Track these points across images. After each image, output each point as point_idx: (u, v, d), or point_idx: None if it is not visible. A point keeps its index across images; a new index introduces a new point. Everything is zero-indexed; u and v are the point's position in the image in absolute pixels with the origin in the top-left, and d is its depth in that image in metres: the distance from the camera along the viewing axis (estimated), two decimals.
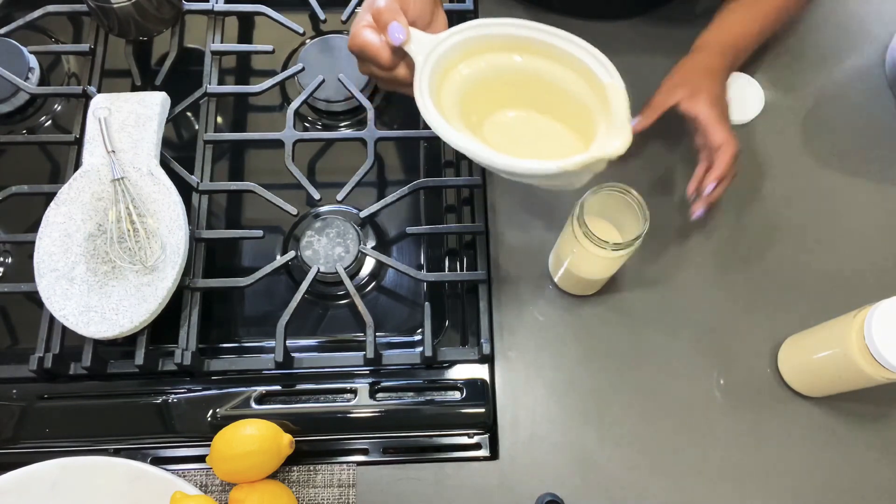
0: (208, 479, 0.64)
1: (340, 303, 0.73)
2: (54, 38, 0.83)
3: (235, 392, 0.65)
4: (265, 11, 0.79)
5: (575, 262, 0.64)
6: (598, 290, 0.70)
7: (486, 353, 0.66)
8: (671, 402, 0.67)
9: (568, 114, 0.55)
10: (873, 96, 0.80)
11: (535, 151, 0.53)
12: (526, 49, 0.54)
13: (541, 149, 0.55)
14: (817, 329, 0.64)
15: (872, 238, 0.73)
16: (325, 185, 0.72)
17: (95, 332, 0.62)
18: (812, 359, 0.64)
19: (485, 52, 0.55)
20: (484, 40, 0.54)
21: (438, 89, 0.53)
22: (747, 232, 0.73)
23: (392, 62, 0.54)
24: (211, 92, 0.75)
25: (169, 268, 0.63)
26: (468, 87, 0.55)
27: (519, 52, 0.54)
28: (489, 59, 0.55)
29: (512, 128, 0.56)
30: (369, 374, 0.67)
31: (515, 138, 0.55)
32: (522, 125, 0.56)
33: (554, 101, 0.55)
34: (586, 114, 0.54)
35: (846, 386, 0.63)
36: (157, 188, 0.66)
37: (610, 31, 0.82)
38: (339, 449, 0.65)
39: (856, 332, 0.57)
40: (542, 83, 0.54)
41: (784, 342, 0.68)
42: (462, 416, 0.66)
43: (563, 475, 0.64)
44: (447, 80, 0.54)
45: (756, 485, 0.64)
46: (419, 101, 0.52)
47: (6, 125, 0.79)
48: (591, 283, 0.68)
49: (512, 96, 0.56)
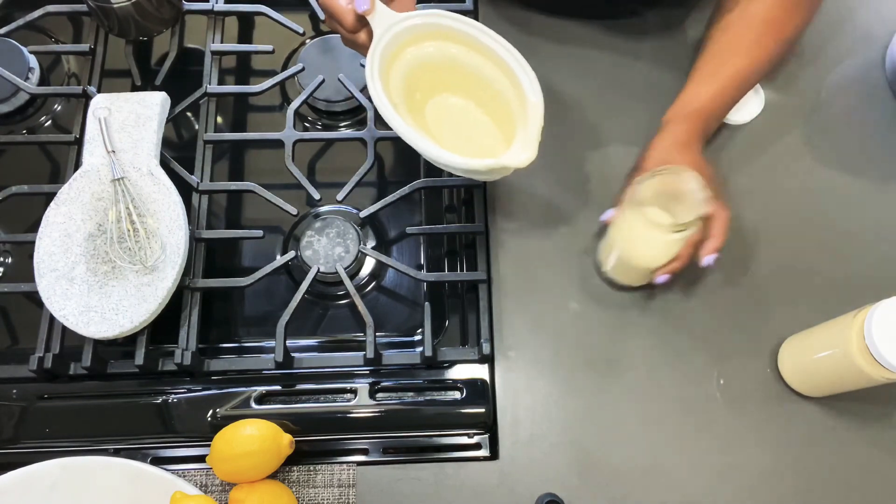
0: (208, 479, 0.64)
1: (340, 303, 0.73)
2: (54, 38, 0.83)
3: (235, 392, 0.65)
4: (265, 11, 0.79)
5: (630, 249, 0.64)
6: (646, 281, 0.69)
7: (486, 353, 0.66)
8: (671, 402, 0.67)
9: (497, 113, 0.61)
10: (873, 96, 0.80)
11: (466, 138, 0.60)
12: (473, 46, 0.59)
13: (470, 136, 0.61)
14: (817, 329, 0.64)
15: (872, 238, 0.73)
16: (325, 185, 0.72)
17: (95, 332, 0.62)
18: (812, 359, 0.64)
19: (436, 39, 0.59)
20: (438, 29, 0.59)
21: (389, 64, 0.58)
22: (747, 232, 0.73)
23: (355, 26, 0.58)
24: (211, 92, 0.75)
25: (169, 268, 0.63)
26: (416, 67, 0.60)
27: (467, 46, 0.59)
28: (439, 46, 0.60)
29: (450, 112, 0.61)
30: (369, 374, 0.67)
31: (452, 123, 0.61)
32: (459, 113, 0.61)
33: (488, 99, 0.61)
34: (510, 119, 0.59)
35: (846, 386, 0.63)
36: (157, 188, 0.66)
37: (604, 32, 0.82)
38: (339, 449, 0.65)
39: (856, 332, 0.57)
40: (481, 81, 0.60)
41: (784, 342, 0.68)
42: (462, 416, 0.66)
43: (563, 475, 0.64)
44: (399, 58, 0.59)
45: (756, 484, 0.64)
46: (369, 80, 0.56)
47: (6, 125, 0.79)
48: (644, 273, 0.67)
49: (454, 84, 0.61)
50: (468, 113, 0.62)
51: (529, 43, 0.80)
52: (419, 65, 0.60)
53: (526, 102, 0.57)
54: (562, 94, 0.78)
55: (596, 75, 0.80)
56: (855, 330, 0.57)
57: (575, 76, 0.79)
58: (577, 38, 0.81)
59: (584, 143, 0.76)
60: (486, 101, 0.61)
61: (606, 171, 0.75)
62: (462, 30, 0.59)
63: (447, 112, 0.61)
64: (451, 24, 0.59)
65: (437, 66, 0.60)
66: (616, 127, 0.77)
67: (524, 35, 0.80)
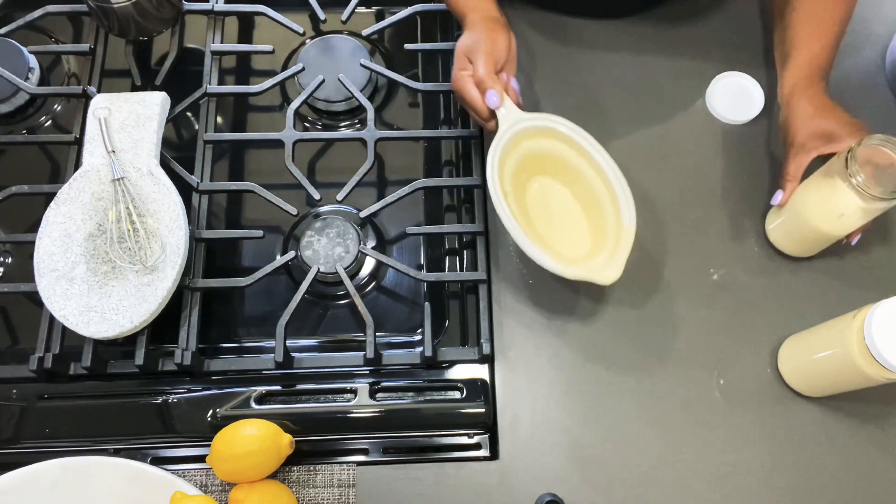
0: (208, 479, 0.64)
1: (340, 303, 0.73)
2: (54, 38, 0.83)
3: (235, 392, 0.65)
4: (265, 11, 0.79)
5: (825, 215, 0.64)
6: None
7: (486, 353, 0.66)
8: (671, 403, 0.67)
9: (590, 209, 0.67)
10: (873, 96, 0.80)
11: (558, 222, 0.67)
12: (581, 153, 0.66)
13: (563, 221, 0.68)
14: (817, 329, 0.64)
15: (872, 238, 0.73)
16: (325, 185, 0.72)
17: (95, 332, 0.62)
18: (812, 359, 0.64)
19: (551, 138, 0.67)
20: (554, 131, 0.67)
21: (507, 153, 0.65)
22: (746, 231, 0.73)
23: (487, 116, 0.67)
24: (211, 92, 0.75)
25: (169, 268, 0.63)
26: (528, 155, 0.67)
27: (576, 151, 0.66)
28: (552, 143, 0.67)
29: (548, 194, 0.68)
30: (369, 374, 0.67)
31: (548, 204, 0.68)
32: (556, 196, 0.68)
33: (585, 195, 0.67)
34: (601, 226, 0.65)
35: (846, 386, 0.63)
36: (157, 188, 0.66)
37: (612, 30, 0.82)
38: (339, 449, 0.65)
39: (856, 333, 0.57)
40: (583, 179, 0.66)
41: (784, 342, 0.68)
42: (462, 416, 0.66)
43: (563, 475, 0.64)
44: (515, 148, 0.66)
45: (756, 484, 0.64)
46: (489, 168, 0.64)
47: (6, 125, 0.79)
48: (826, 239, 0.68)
49: (558, 173, 0.68)
50: (564, 199, 0.68)
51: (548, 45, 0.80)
52: (531, 153, 0.67)
53: (620, 221, 0.63)
54: (575, 93, 0.79)
55: (613, 74, 0.80)
56: (855, 330, 0.57)
57: (592, 74, 0.79)
58: (599, 39, 0.82)
59: None
60: (583, 196, 0.67)
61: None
62: (574, 138, 0.66)
63: (545, 194, 0.68)
64: (565, 131, 0.66)
65: (547, 156, 0.67)
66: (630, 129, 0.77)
67: (541, 36, 0.81)
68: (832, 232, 0.66)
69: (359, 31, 0.81)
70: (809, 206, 0.66)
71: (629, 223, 0.63)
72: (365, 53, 0.79)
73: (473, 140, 0.74)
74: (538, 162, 0.68)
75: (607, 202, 0.65)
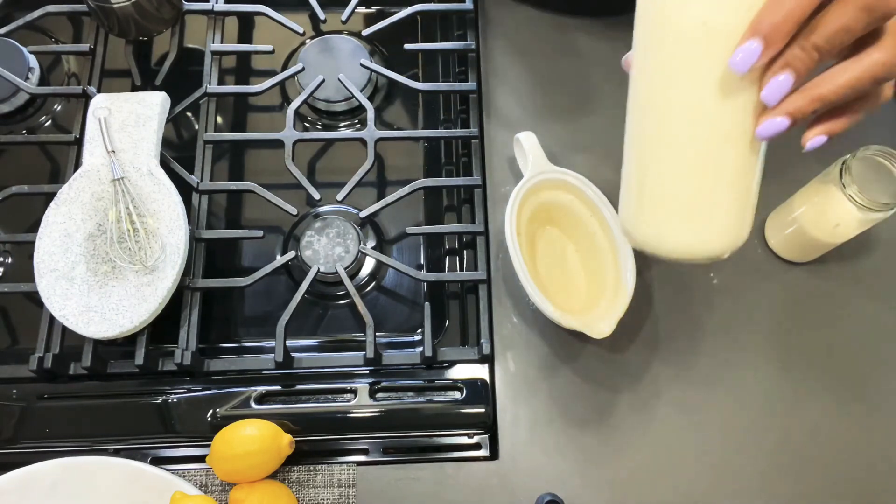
0: (208, 479, 0.64)
1: (340, 303, 0.73)
2: (54, 38, 0.83)
3: (235, 392, 0.65)
4: (265, 11, 0.79)
5: (821, 224, 0.65)
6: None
7: (486, 353, 0.66)
8: (671, 403, 0.67)
9: (593, 269, 0.69)
10: None
11: (558, 272, 0.70)
12: (594, 211, 0.69)
13: (563, 273, 0.70)
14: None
15: (871, 242, 0.73)
16: (325, 185, 0.72)
17: (95, 332, 0.62)
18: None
19: (569, 193, 0.70)
20: (574, 187, 0.69)
21: (526, 198, 0.68)
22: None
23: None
24: (211, 92, 0.75)
25: (169, 268, 0.63)
26: (545, 203, 0.70)
27: (590, 210, 0.69)
28: (570, 197, 0.70)
29: (554, 244, 0.71)
30: (369, 374, 0.67)
31: (553, 253, 0.71)
32: (561, 246, 0.71)
33: (590, 254, 0.70)
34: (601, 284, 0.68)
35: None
36: (157, 188, 0.66)
37: (609, 28, 0.81)
38: (339, 449, 0.65)
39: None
40: (590, 237, 0.69)
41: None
42: (462, 416, 0.66)
43: (563, 475, 0.64)
44: (536, 194, 0.69)
45: (756, 484, 0.64)
46: (508, 210, 0.66)
47: (6, 125, 0.79)
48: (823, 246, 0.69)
49: (567, 226, 0.71)
50: (566, 250, 0.71)
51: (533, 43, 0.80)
52: (547, 203, 0.70)
53: (619, 281, 0.65)
54: (569, 90, 0.79)
55: (611, 72, 0.80)
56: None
57: (589, 73, 0.79)
58: (587, 36, 0.81)
59: (586, 145, 0.76)
60: (588, 252, 0.70)
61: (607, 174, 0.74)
62: (591, 197, 0.68)
63: (551, 244, 0.71)
64: (584, 189, 0.69)
65: (562, 209, 0.70)
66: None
67: (529, 34, 0.81)
68: (828, 240, 0.67)
69: (359, 31, 0.81)
70: (806, 214, 0.66)
71: (627, 283, 0.65)
72: (365, 53, 0.79)
73: (473, 140, 0.74)
74: (552, 213, 0.70)
75: (610, 262, 0.67)
